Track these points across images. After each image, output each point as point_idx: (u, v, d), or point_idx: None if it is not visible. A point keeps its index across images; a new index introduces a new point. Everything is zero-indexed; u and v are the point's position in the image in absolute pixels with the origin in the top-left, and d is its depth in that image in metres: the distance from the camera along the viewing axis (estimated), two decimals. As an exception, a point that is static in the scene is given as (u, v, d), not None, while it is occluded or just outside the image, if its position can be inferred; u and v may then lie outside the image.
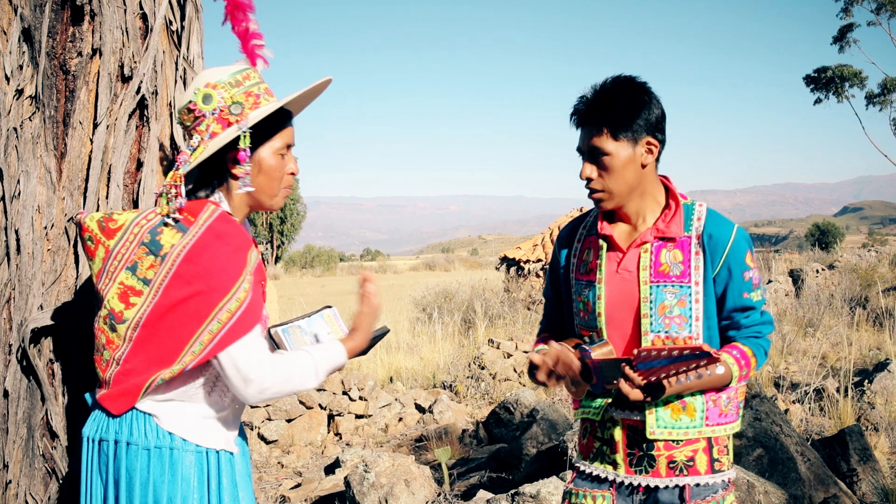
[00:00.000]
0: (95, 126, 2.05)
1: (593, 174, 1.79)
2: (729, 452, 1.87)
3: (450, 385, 7.75)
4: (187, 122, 1.68)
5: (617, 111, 1.74)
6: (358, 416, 6.72)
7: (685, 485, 1.80)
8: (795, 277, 12.97)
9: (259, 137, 1.66)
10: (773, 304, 10.86)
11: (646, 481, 1.82)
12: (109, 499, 1.63)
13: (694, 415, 1.80)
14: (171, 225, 1.63)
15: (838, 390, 5.99)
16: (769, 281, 12.06)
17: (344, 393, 6.75)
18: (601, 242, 1.87)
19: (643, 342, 1.79)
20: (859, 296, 11.32)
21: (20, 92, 1.99)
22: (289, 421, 6.41)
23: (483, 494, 3.93)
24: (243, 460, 1.78)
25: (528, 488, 3.52)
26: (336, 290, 24.20)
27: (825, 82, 24.89)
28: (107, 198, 2.07)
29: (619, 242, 1.84)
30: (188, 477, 1.63)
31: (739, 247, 1.80)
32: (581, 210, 12.42)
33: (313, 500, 4.73)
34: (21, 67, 1.99)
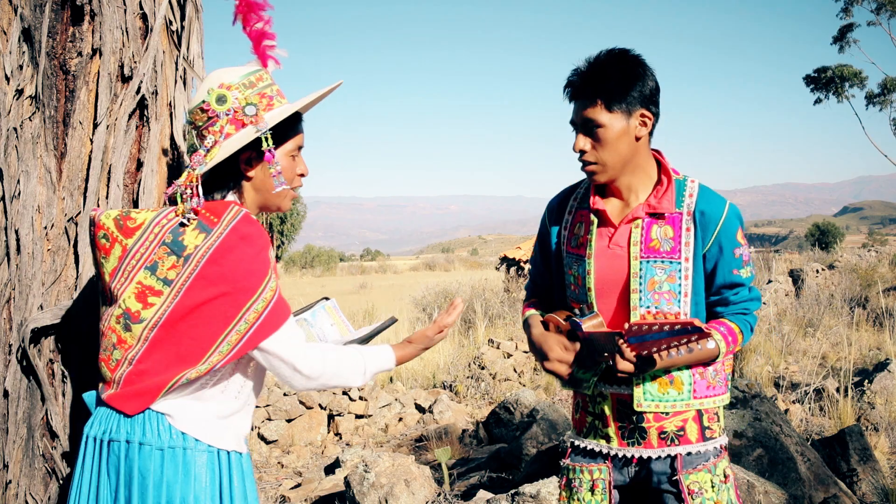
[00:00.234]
0: (95, 126, 2.05)
1: (587, 146, 1.79)
2: (720, 420, 1.89)
3: (450, 385, 7.75)
4: (199, 123, 1.67)
5: (611, 83, 1.74)
6: (358, 416, 6.72)
7: (677, 454, 1.82)
8: (795, 277, 12.97)
9: (274, 140, 1.67)
10: (774, 304, 10.85)
11: (638, 453, 1.84)
12: (120, 500, 1.60)
13: (681, 388, 1.82)
14: (194, 225, 1.61)
15: (838, 390, 5.99)
16: (769, 281, 12.06)
17: (344, 393, 6.75)
18: (592, 217, 1.87)
19: (632, 317, 1.80)
20: (859, 296, 11.32)
21: (20, 92, 1.99)
22: (289, 421, 6.41)
23: (483, 494, 3.93)
24: (248, 461, 1.78)
25: (528, 488, 3.52)
26: (336, 290, 24.20)
27: (825, 82, 24.87)
28: (107, 198, 2.07)
29: (612, 218, 1.85)
30: (200, 477, 1.62)
31: (731, 223, 1.81)
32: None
33: (313, 500, 4.73)
34: (21, 67, 1.99)
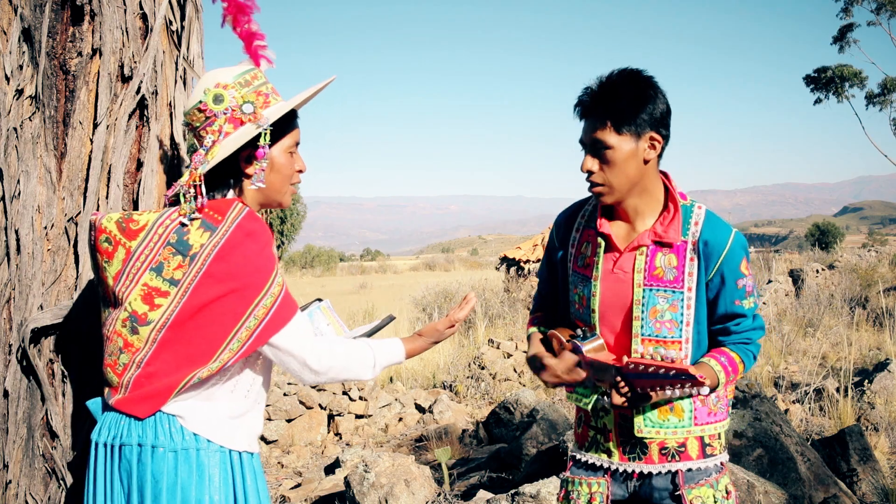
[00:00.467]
0: (95, 126, 2.05)
1: (594, 167, 1.78)
2: (721, 438, 1.89)
3: (450, 385, 7.75)
4: (196, 123, 1.68)
5: (621, 104, 1.72)
6: (358, 416, 6.72)
7: (678, 470, 1.82)
8: (795, 277, 12.97)
9: (271, 136, 1.67)
10: (773, 304, 10.86)
11: (639, 468, 1.84)
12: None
13: (682, 415, 1.83)
14: (199, 224, 1.61)
15: (838, 390, 5.99)
16: (769, 281, 12.06)
17: (344, 393, 6.75)
18: (599, 240, 1.87)
19: (633, 343, 1.81)
20: (859, 296, 11.32)
21: (20, 92, 1.99)
22: (289, 421, 6.40)
23: (483, 494, 3.93)
24: (258, 461, 1.78)
25: (528, 488, 3.52)
26: (336, 290, 24.19)
27: (825, 82, 24.86)
28: (107, 198, 2.07)
29: (617, 243, 1.85)
30: (214, 478, 1.61)
31: (735, 254, 1.79)
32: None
33: (313, 500, 4.73)
34: (21, 67, 1.99)
